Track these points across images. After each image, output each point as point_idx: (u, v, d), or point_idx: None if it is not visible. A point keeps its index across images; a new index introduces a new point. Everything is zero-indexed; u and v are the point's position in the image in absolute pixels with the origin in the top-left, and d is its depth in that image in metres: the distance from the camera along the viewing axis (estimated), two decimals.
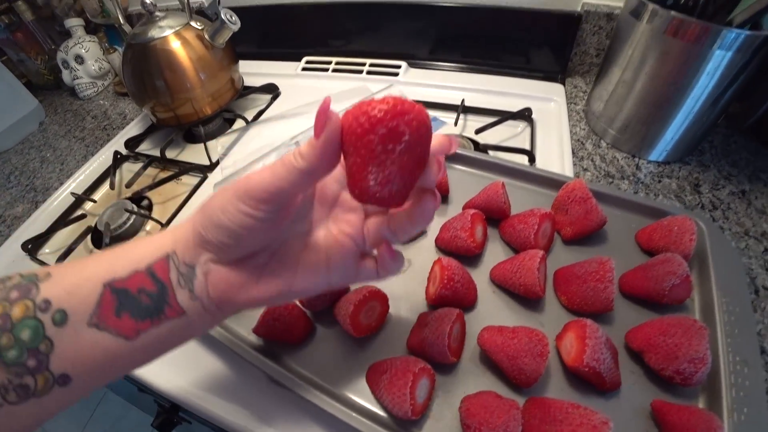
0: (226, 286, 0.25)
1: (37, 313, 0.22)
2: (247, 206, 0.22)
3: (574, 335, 0.34)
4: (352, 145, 0.21)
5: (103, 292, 0.23)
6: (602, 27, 0.66)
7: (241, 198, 0.22)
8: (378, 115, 0.20)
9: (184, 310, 0.25)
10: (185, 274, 0.25)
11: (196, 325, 0.26)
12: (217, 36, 0.67)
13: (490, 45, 0.75)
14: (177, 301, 0.24)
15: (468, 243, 0.41)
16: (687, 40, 0.45)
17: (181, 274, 0.25)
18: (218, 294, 0.25)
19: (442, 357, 0.34)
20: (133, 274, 0.24)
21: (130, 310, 0.23)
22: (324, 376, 0.37)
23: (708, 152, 0.57)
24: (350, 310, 0.36)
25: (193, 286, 0.25)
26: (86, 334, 0.22)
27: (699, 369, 0.31)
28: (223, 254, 0.25)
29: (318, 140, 0.21)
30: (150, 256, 0.25)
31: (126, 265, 0.24)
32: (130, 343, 0.23)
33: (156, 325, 0.24)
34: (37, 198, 0.73)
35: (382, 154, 0.21)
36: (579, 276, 0.38)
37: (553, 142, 0.60)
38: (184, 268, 0.25)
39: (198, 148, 0.73)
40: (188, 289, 0.25)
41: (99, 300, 0.23)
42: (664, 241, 0.40)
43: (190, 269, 0.25)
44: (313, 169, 0.22)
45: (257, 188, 0.22)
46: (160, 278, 0.24)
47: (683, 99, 0.49)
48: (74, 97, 1.00)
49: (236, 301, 0.26)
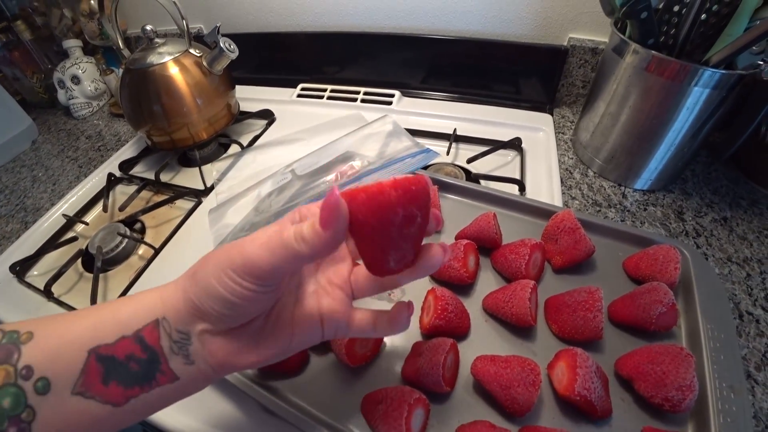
0: (224, 354, 0.25)
1: (18, 380, 0.21)
2: (244, 281, 0.22)
3: (565, 364, 0.34)
4: (367, 235, 0.21)
5: (88, 359, 0.22)
6: (588, 60, 0.70)
7: (237, 272, 0.22)
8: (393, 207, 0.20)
9: (177, 376, 0.24)
10: (179, 341, 0.24)
11: (190, 387, 0.25)
12: (216, 63, 0.68)
13: (480, 76, 0.78)
14: (170, 368, 0.24)
15: (461, 273, 0.42)
16: (667, 77, 0.48)
17: (174, 342, 0.24)
18: (216, 361, 0.25)
19: (437, 387, 0.34)
20: (120, 340, 0.23)
21: (117, 377, 0.22)
22: (319, 405, 0.37)
23: (690, 180, 0.59)
24: (346, 340, 0.36)
25: (189, 353, 0.24)
26: (71, 401, 0.21)
27: (687, 396, 0.32)
28: (220, 324, 0.24)
29: (325, 231, 0.20)
30: (138, 319, 0.23)
31: (112, 330, 0.23)
32: (118, 409, 0.23)
33: (146, 391, 0.23)
34: (27, 218, 0.72)
35: (399, 240, 0.22)
36: (569, 305, 0.38)
37: (543, 171, 0.62)
38: (178, 335, 0.24)
39: (193, 172, 0.74)
40: (183, 355, 0.24)
41: (84, 368, 0.22)
42: (650, 269, 0.42)
43: (184, 336, 0.24)
44: (314, 255, 0.21)
45: (254, 265, 0.21)
46: (150, 345, 0.23)
47: (665, 131, 0.52)
48: (68, 116, 1.00)
49: (235, 365, 0.25)
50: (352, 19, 0.82)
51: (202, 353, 0.24)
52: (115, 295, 0.55)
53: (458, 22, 0.75)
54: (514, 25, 0.72)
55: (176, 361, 0.24)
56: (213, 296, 0.23)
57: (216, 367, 0.25)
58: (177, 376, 0.24)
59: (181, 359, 0.24)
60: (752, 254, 0.50)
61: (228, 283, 0.22)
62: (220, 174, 0.69)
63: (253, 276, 0.22)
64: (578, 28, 0.69)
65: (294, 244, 0.21)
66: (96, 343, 0.22)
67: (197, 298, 0.23)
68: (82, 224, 0.68)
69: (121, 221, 0.65)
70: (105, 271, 0.60)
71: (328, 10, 0.82)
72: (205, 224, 0.59)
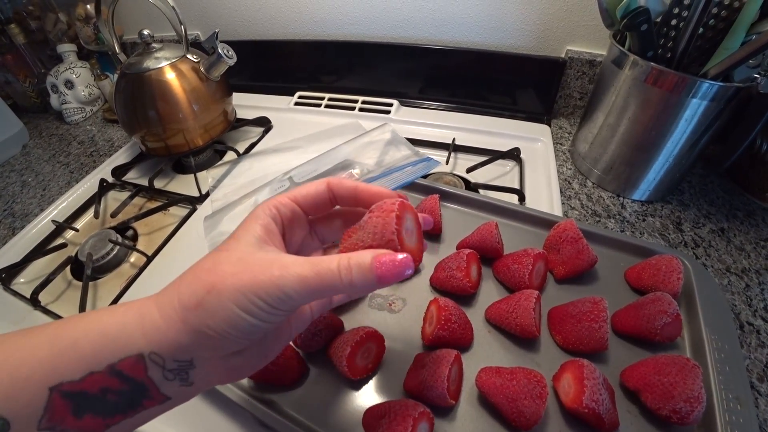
0: (229, 370, 0.24)
1: None
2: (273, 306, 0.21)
3: (571, 376, 0.33)
4: None
5: (50, 397, 0.19)
6: (585, 72, 0.70)
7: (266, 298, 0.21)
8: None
9: (169, 397, 0.22)
10: (176, 369, 0.22)
11: (179, 403, 0.24)
12: (213, 69, 0.68)
13: (478, 86, 0.78)
14: (161, 393, 0.22)
15: (464, 283, 0.41)
16: (666, 89, 0.48)
17: (169, 371, 0.22)
18: (219, 379, 0.24)
19: (441, 400, 0.33)
20: (88, 376, 0.20)
21: (93, 410, 0.20)
22: (318, 420, 0.36)
23: (687, 192, 0.60)
24: (347, 351, 0.35)
25: (189, 377, 0.22)
26: None
27: (695, 408, 0.31)
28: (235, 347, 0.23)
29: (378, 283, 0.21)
30: (108, 354, 0.21)
31: (75, 365, 0.20)
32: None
33: (131, 417, 0.21)
34: (14, 224, 0.70)
35: None
36: (573, 316, 0.38)
37: (542, 181, 0.62)
38: (174, 364, 0.22)
39: (187, 179, 0.73)
40: (180, 380, 0.22)
41: (47, 405, 0.19)
42: (653, 280, 0.41)
43: (184, 364, 0.22)
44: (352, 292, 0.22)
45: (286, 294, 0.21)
46: (133, 378, 0.21)
47: (664, 143, 0.52)
48: (61, 121, 0.99)
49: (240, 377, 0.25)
50: (351, 28, 0.82)
51: (204, 374, 0.23)
52: (104, 304, 0.53)
53: (457, 33, 0.76)
54: (513, 36, 0.72)
55: (170, 386, 0.22)
56: (234, 324, 0.21)
57: (214, 382, 0.24)
58: (169, 397, 0.22)
59: (177, 383, 0.22)
60: (750, 265, 0.50)
61: (253, 309, 0.21)
62: (216, 181, 0.68)
63: (284, 303, 0.21)
64: (576, 41, 0.70)
65: (337, 277, 0.21)
66: (57, 380, 0.20)
67: (213, 329, 0.21)
68: (71, 231, 0.66)
69: (113, 228, 0.63)
70: (95, 279, 0.58)
71: (326, 18, 0.83)
72: (200, 232, 0.57)
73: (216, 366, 0.23)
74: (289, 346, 0.38)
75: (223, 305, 0.21)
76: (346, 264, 0.21)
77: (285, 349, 0.37)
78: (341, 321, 0.41)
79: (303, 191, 0.28)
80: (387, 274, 0.21)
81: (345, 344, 0.36)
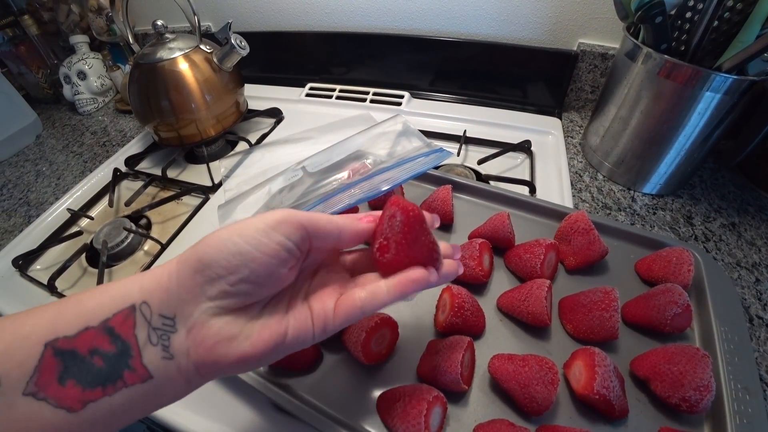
0: (214, 341, 0.22)
1: None
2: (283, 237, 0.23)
3: (582, 363, 0.34)
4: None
5: (44, 353, 0.19)
6: (597, 66, 0.70)
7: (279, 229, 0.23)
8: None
9: (150, 373, 0.21)
10: (160, 328, 0.21)
11: (164, 391, 0.22)
12: (226, 60, 0.68)
13: (489, 78, 0.78)
14: (142, 363, 0.21)
15: (476, 271, 0.42)
16: (679, 82, 0.48)
17: (154, 329, 0.21)
18: (203, 352, 0.22)
19: (455, 385, 0.34)
20: (83, 332, 0.20)
21: (76, 375, 0.20)
22: (332, 404, 0.36)
23: (698, 186, 0.60)
24: (362, 337, 0.36)
25: (170, 344, 0.21)
26: (20, 404, 0.19)
27: (704, 396, 0.32)
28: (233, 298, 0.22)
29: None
30: (106, 307, 0.21)
31: (74, 320, 0.20)
32: (73, 416, 0.19)
33: (109, 394, 0.20)
34: (30, 212, 0.72)
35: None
36: (584, 305, 0.38)
37: (552, 173, 0.62)
38: (160, 320, 0.21)
39: (199, 168, 0.74)
40: (161, 346, 0.21)
41: (38, 364, 0.19)
42: (663, 271, 0.42)
43: (167, 322, 0.21)
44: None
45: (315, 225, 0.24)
46: (121, 335, 0.20)
47: (676, 136, 0.52)
48: (73, 112, 1.00)
49: (223, 360, 0.22)
50: (362, 19, 0.82)
51: (186, 344, 0.21)
52: None
53: (468, 25, 0.75)
54: (525, 29, 0.72)
55: (152, 354, 0.21)
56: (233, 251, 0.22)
57: (199, 363, 0.22)
58: (150, 374, 0.21)
59: (159, 351, 0.21)
60: (761, 259, 0.50)
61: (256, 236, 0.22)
62: (228, 171, 0.69)
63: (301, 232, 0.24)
64: (588, 34, 0.70)
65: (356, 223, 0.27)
66: (54, 335, 0.20)
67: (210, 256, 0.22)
68: (86, 219, 0.67)
69: (127, 216, 0.64)
70: (109, 266, 0.59)
71: (337, 10, 0.83)
72: (213, 220, 0.58)
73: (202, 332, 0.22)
74: None
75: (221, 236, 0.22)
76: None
77: None
78: None
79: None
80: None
81: (360, 330, 0.36)
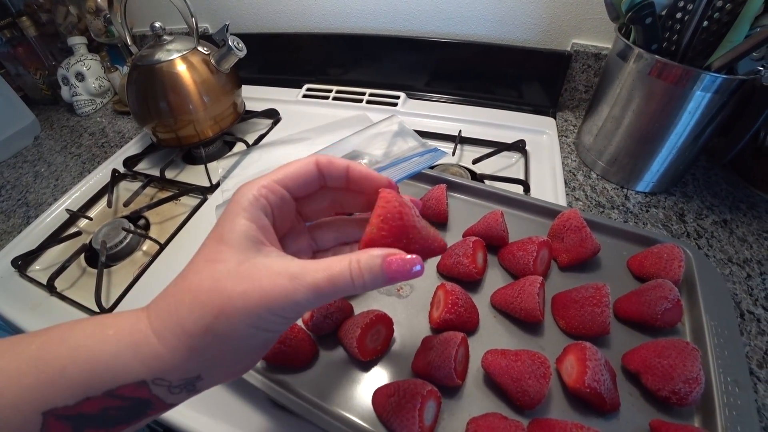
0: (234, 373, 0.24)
1: None
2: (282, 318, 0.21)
3: (574, 357, 0.35)
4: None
5: (45, 421, 0.18)
6: (590, 66, 0.71)
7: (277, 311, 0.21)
8: None
9: (174, 404, 0.22)
10: (182, 385, 0.21)
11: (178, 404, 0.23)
12: (223, 61, 0.69)
13: (484, 79, 0.79)
14: (167, 403, 0.21)
15: (470, 269, 0.42)
16: (670, 82, 0.49)
17: (176, 386, 0.21)
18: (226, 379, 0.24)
19: (448, 379, 0.35)
20: (84, 402, 0.19)
21: (93, 425, 0.20)
22: (329, 399, 0.37)
23: (691, 184, 0.61)
24: (357, 333, 0.36)
25: (196, 387, 0.22)
26: None
27: (693, 389, 0.32)
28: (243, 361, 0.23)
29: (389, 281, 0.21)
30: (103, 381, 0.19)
31: (66, 392, 0.19)
32: None
33: (134, 425, 0.21)
34: (29, 213, 0.72)
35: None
36: (576, 301, 0.39)
37: (546, 172, 0.63)
38: (182, 381, 0.21)
39: (197, 169, 0.74)
40: (186, 391, 0.22)
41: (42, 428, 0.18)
42: (655, 267, 0.42)
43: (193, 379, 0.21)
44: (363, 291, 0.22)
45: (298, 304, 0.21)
46: (137, 397, 0.20)
47: (667, 135, 0.53)
48: (71, 113, 1.00)
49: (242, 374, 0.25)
50: (358, 21, 0.83)
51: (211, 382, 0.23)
52: (118, 291, 0.55)
53: (463, 26, 0.76)
54: (519, 30, 0.73)
55: (177, 398, 0.22)
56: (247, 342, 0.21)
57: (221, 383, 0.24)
58: (175, 405, 0.22)
59: (185, 394, 0.22)
60: (752, 255, 0.51)
61: (266, 325, 0.21)
62: (226, 171, 0.69)
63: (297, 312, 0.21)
64: (581, 34, 0.70)
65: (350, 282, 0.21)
66: (50, 405, 0.18)
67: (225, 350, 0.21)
68: (85, 219, 0.68)
69: (126, 217, 0.64)
70: (109, 266, 0.59)
71: (333, 11, 0.83)
72: (211, 220, 0.59)
73: (224, 372, 0.23)
74: (301, 330, 0.39)
75: (235, 328, 0.20)
76: (357, 268, 0.21)
77: (297, 332, 0.39)
78: (351, 306, 0.43)
79: (290, 173, 0.25)
80: (397, 275, 0.21)
81: (355, 326, 0.37)
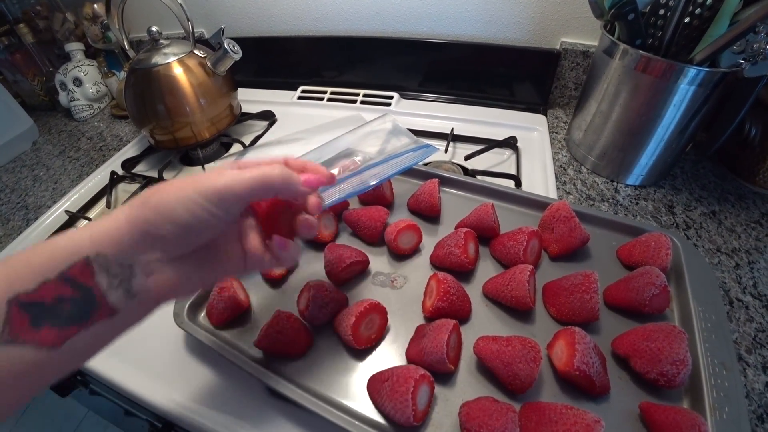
0: (170, 284, 0.25)
1: None
2: (213, 207, 0.24)
3: (564, 342, 0.35)
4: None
5: (9, 309, 0.20)
6: (579, 63, 0.72)
7: (209, 198, 0.24)
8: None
9: (117, 309, 0.23)
10: (119, 274, 0.23)
11: (130, 320, 0.25)
12: (219, 64, 0.70)
13: (476, 78, 0.80)
14: (108, 303, 0.23)
15: (462, 259, 0.43)
16: (655, 76, 0.50)
17: (113, 275, 0.23)
18: (162, 292, 0.25)
19: (441, 365, 0.35)
20: (42, 285, 0.21)
21: (49, 320, 0.21)
22: (324, 386, 0.38)
23: (679, 176, 0.62)
24: (352, 321, 0.37)
25: (131, 286, 0.24)
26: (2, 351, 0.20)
27: (681, 370, 0.33)
28: (175, 249, 0.25)
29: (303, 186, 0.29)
30: (58, 262, 0.22)
31: (29, 276, 0.21)
32: (55, 353, 0.21)
33: (84, 329, 0.22)
34: (28, 216, 0.73)
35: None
36: (566, 288, 0.40)
37: (538, 168, 0.64)
38: (118, 268, 0.23)
39: (195, 170, 0.75)
40: (123, 289, 0.23)
41: (6, 318, 0.20)
42: (643, 255, 0.43)
43: (126, 269, 0.23)
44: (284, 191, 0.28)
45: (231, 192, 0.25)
46: (83, 283, 0.22)
47: (654, 128, 0.54)
48: (69, 118, 1.01)
49: (178, 293, 0.27)
50: (351, 23, 0.84)
51: (146, 285, 0.24)
52: None
53: (455, 27, 0.78)
54: (509, 29, 0.75)
55: (115, 296, 0.23)
56: (175, 221, 0.24)
57: (159, 298, 0.26)
58: (117, 309, 0.23)
59: (122, 293, 0.23)
60: (740, 245, 0.52)
61: (195, 209, 0.24)
62: None
63: (223, 202, 0.25)
64: (570, 33, 0.72)
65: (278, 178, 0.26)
66: (13, 292, 0.20)
67: (154, 225, 0.24)
68: (84, 221, 0.68)
69: None
70: None
71: (327, 14, 0.85)
72: None
73: (158, 276, 0.25)
74: (296, 319, 0.40)
75: (168, 205, 0.24)
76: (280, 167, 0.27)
77: (293, 321, 0.39)
78: (346, 297, 0.43)
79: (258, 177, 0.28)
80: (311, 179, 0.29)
81: (349, 315, 0.38)
